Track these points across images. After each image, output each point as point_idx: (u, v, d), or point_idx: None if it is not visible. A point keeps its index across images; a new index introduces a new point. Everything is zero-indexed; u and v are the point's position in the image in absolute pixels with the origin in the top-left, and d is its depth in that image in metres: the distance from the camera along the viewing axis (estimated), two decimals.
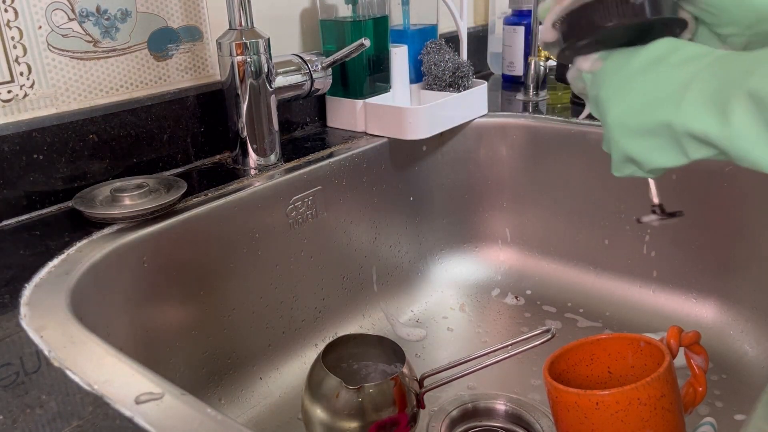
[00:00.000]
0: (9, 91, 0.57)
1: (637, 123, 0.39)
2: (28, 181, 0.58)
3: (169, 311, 0.58)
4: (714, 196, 0.72)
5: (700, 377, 0.51)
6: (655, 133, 0.38)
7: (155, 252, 0.55)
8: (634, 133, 0.39)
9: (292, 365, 0.69)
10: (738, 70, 0.34)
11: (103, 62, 0.63)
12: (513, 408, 0.64)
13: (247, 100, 0.65)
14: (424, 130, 0.76)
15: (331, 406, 0.52)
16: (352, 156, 0.73)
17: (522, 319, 0.80)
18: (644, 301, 0.79)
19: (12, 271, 0.48)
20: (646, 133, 0.39)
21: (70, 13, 0.59)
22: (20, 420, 0.33)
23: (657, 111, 0.37)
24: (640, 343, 0.52)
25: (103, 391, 0.35)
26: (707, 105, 0.35)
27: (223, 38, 0.64)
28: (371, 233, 0.78)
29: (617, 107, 0.40)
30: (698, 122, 0.35)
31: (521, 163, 0.86)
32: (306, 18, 0.81)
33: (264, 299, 0.66)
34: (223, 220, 0.61)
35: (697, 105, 0.35)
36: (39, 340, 0.40)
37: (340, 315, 0.75)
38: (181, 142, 0.69)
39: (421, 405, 0.56)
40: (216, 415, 0.33)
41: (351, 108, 0.79)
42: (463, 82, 0.82)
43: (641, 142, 0.39)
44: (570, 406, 0.47)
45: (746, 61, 0.34)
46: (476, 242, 0.90)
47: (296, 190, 0.67)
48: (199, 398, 0.35)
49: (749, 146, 0.33)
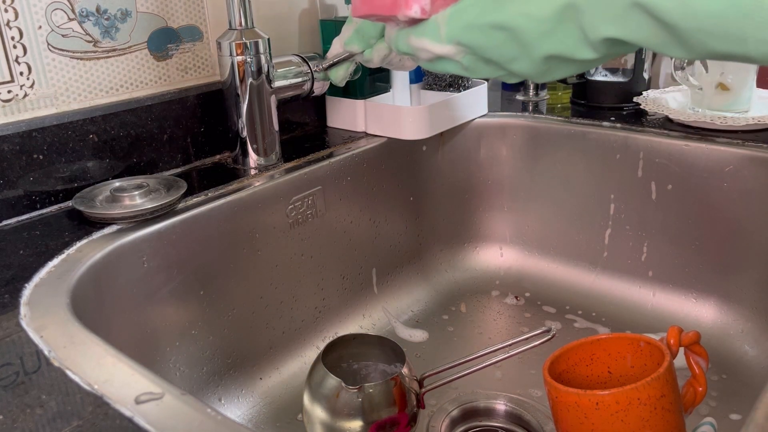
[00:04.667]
0: (9, 91, 0.57)
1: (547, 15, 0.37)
2: (28, 181, 0.58)
3: (169, 311, 0.58)
4: (714, 196, 0.72)
5: (700, 377, 0.51)
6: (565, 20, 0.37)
7: (155, 252, 0.55)
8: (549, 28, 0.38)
9: (292, 365, 0.69)
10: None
11: (103, 62, 0.63)
12: (513, 408, 0.64)
13: (247, 100, 0.65)
14: (424, 130, 0.76)
15: (331, 406, 0.52)
16: (352, 156, 0.73)
17: (522, 319, 0.80)
18: (644, 301, 0.79)
19: (12, 271, 0.48)
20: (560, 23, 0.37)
21: (70, 13, 0.59)
22: (20, 420, 0.33)
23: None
24: (640, 343, 0.52)
25: (103, 391, 0.35)
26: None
27: (223, 38, 0.64)
28: (371, 233, 0.78)
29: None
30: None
31: (521, 163, 0.86)
32: (306, 18, 0.81)
33: (264, 299, 0.66)
34: (223, 220, 0.61)
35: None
36: (39, 340, 0.40)
37: (340, 315, 0.75)
38: (181, 142, 0.69)
39: (421, 405, 0.56)
40: (216, 415, 0.33)
41: (351, 108, 0.79)
42: (463, 81, 0.83)
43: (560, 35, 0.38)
44: (570, 406, 0.47)
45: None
46: (476, 242, 0.90)
47: (296, 190, 0.67)
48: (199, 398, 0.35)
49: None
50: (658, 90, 0.88)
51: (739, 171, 0.70)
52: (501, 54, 0.41)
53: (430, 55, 0.44)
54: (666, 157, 0.74)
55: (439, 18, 0.43)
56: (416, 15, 0.43)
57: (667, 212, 0.76)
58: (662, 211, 0.76)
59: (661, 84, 0.99)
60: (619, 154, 0.77)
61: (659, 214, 0.76)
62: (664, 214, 0.76)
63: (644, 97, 0.85)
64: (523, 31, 0.38)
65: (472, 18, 0.41)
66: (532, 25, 0.38)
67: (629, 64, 0.88)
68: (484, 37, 0.40)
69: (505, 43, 0.40)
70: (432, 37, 0.43)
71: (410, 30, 0.45)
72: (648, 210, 0.77)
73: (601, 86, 0.88)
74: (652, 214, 0.77)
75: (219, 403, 0.62)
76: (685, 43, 0.33)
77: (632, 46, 0.36)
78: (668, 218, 0.76)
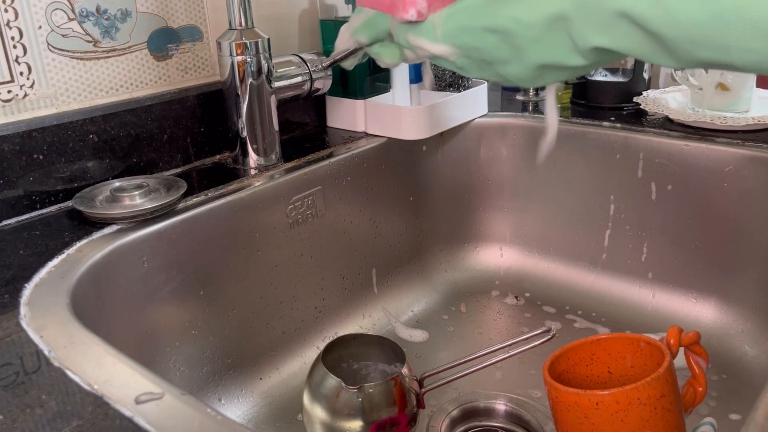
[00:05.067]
0: (9, 91, 0.57)
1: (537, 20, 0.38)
2: (28, 181, 0.58)
3: (169, 311, 0.58)
4: (714, 196, 0.72)
5: (700, 377, 0.51)
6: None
7: (155, 252, 0.55)
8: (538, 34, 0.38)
9: (292, 365, 0.69)
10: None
11: (103, 62, 0.63)
12: (513, 408, 0.64)
13: (247, 100, 0.65)
14: (424, 130, 0.76)
15: (331, 406, 0.52)
16: (352, 156, 0.73)
17: (522, 319, 0.80)
18: (644, 301, 0.79)
19: (12, 271, 0.48)
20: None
21: (70, 13, 0.59)
22: (20, 420, 0.33)
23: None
24: (640, 343, 0.52)
25: (103, 391, 0.35)
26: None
27: (223, 38, 0.64)
28: (371, 233, 0.78)
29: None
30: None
31: (521, 163, 0.86)
32: (306, 18, 0.81)
33: (264, 299, 0.66)
34: (223, 220, 0.61)
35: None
36: (39, 340, 0.40)
37: (340, 315, 0.75)
38: (181, 142, 0.69)
39: (421, 405, 0.56)
40: (216, 415, 0.33)
41: (351, 108, 0.79)
42: (463, 81, 0.83)
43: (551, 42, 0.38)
44: (570, 406, 0.47)
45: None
46: (476, 242, 0.90)
47: (296, 190, 0.67)
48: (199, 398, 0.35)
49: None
50: (658, 90, 0.88)
51: (739, 171, 0.70)
52: (493, 57, 0.41)
53: (427, 53, 0.45)
54: (666, 157, 0.74)
55: (436, 19, 0.43)
56: (412, 18, 0.44)
57: (667, 212, 0.76)
58: (662, 211, 0.76)
59: (661, 84, 0.99)
60: (619, 154, 0.77)
61: (659, 214, 0.76)
62: (664, 214, 0.76)
63: (644, 97, 0.85)
64: (513, 36, 0.39)
65: (465, 20, 0.41)
66: (523, 31, 0.39)
67: (629, 64, 0.88)
68: (477, 39, 0.41)
69: (497, 46, 0.40)
70: (428, 36, 0.44)
71: (409, 27, 0.45)
72: (648, 210, 0.77)
73: (601, 86, 0.89)
74: (652, 214, 0.77)
75: (219, 403, 0.62)
76: (672, 52, 0.34)
77: (622, 54, 0.37)
78: (668, 218, 0.76)
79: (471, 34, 0.41)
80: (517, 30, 0.39)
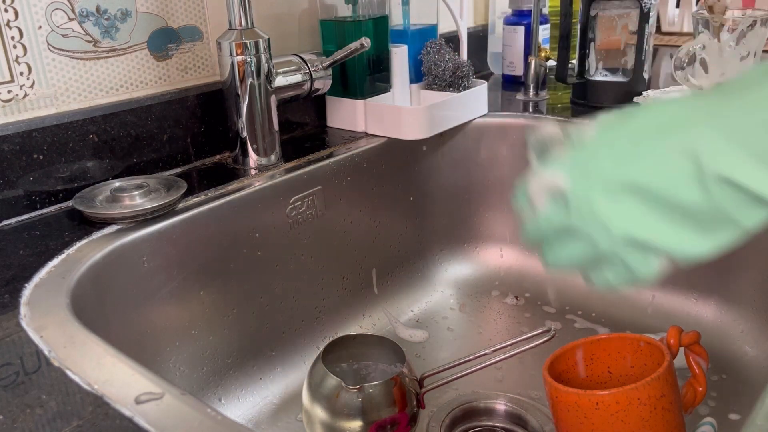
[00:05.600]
0: (9, 91, 0.57)
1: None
2: (28, 181, 0.58)
3: (169, 311, 0.58)
4: None
5: (700, 377, 0.51)
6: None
7: (155, 252, 0.55)
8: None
9: (292, 365, 0.69)
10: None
11: (103, 62, 0.63)
12: (513, 408, 0.64)
13: (247, 100, 0.65)
14: (424, 130, 0.76)
15: (331, 406, 0.52)
16: (352, 156, 0.73)
17: (522, 319, 0.80)
18: (644, 301, 0.79)
19: (12, 271, 0.48)
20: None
21: (70, 13, 0.59)
22: (20, 420, 0.33)
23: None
24: (640, 343, 0.52)
25: (103, 391, 0.35)
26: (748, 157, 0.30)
27: (223, 38, 0.64)
28: (371, 233, 0.78)
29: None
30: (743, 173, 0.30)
31: (521, 163, 0.86)
32: (306, 18, 0.81)
33: (264, 299, 0.66)
34: (223, 220, 0.61)
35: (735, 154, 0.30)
36: (39, 340, 0.40)
37: (340, 315, 0.75)
38: (181, 142, 0.69)
39: (421, 405, 0.56)
40: (216, 415, 0.33)
41: (351, 108, 0.79)
42: (463, 82, 0.82)
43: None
44: (570, 406, 0.47)
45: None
46: (476, 242, 0.90)
47: (296, 190, 0.67)
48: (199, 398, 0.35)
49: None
50: (658, 90, 0.88)
51: None
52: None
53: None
54: None
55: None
56: None
57: None
58: None
59: (661, 84, 0.99)
60: None
61: None
62: None
63: (644, 97, 0.85)
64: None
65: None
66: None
67: (629, 64, 0.88)
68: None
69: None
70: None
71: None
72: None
73: (601, 86, 0.88)
74: None
75: (219, 403, 0.62)
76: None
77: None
78: None
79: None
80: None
